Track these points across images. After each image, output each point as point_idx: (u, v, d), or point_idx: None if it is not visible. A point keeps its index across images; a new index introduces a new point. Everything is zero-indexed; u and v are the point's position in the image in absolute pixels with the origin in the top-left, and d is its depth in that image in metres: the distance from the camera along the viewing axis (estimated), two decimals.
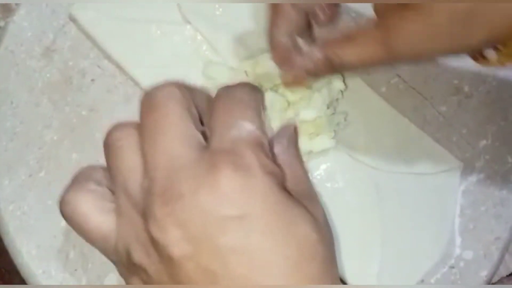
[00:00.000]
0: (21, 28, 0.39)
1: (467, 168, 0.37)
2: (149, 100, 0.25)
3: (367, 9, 0.37)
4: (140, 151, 0.24)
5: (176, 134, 0.24)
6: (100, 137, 0.36)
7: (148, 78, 0.37)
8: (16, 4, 0.39)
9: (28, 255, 0.35)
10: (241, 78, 0.36)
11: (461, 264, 0.36)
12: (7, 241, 0.35)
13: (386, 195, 0.36)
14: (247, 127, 0.24)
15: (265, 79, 0.36)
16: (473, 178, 0.38)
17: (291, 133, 0.28)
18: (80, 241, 0.35)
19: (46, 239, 0.35)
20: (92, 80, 0.38)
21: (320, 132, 0.35)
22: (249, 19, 0.38)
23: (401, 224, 0.36)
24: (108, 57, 0.38)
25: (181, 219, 0.22)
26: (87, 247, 0.34)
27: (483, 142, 0.38)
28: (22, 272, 0.35)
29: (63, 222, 0.35)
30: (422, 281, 0.35)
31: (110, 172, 0.26)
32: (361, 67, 0.30)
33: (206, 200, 0.22)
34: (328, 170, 0.36)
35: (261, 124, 0.25)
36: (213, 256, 0.21)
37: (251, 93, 0.27)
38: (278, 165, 0.25)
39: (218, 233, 0.21)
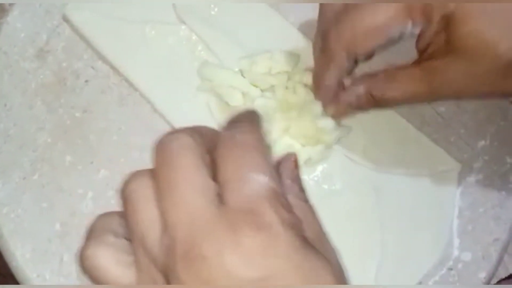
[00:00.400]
0: (14, 29, 0.38)
1: (466, 169, 0.37)
2: (163, 151, 0.24)
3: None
4: (158, 204, 0.24)
5: (194, 188, 0.23)
6: (94, 138, 0.36)
7: (143, 79, 0.36)
8: (10, 5, 0.39)
9: (23, 258, 0.35)
10: (238, 82, 0.35)
11: (460, 265, 0.36)
12: (1, 244, 0.35)
13: (384, 197, 0.36)
14: (260, 180, 0.24)
15: (261, 79, 0.35)
16: (471, 179, 0.37)
17: (293, 171, 0.28)
18: (74, 245, 0.35)
19: (41, 242, 0.35)
20: (86, 81, 0.37)
21: (321, 141, 0.35)
22: (245, 19, 0.37)
23: (399, 226, 0.36)
24: (102, 57, 0.37)
25: (206, 281, 0.21)
26: None
27: (482, 143, 0.38)
28: (16, 276, 0.35)
29: (58, 225, 0.35)
30: (421, 282, 0.35)
31: (128, 225, 0.25)
32: (403, 103, 0.32)
33: (231, 262, 0.21)
34: (325, 171, 0.36)
35: (271, 170, 0.24)
36: None
37: (254, 131, 0.26)
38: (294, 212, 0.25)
39: None
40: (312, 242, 0.24)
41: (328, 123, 0.34)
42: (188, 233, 0.22)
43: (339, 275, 0.23)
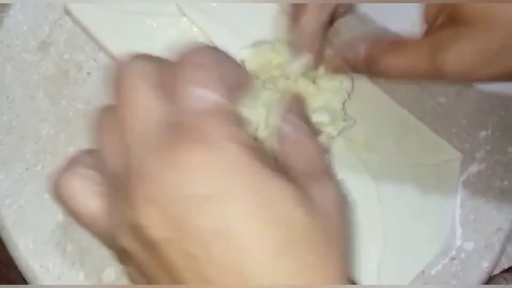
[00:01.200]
0: (16, 22, 0.38)
1: (467, 159, 0.37)
2: (119, 78, 0.24)
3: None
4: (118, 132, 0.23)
5: (146, 110, 0.22)
6: None
7: None
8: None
9: (26, 249, 0.35)
10: None
11: (462, 255, 0.36)
12: (4, 236, 0.35)
13: (385, 187, 0.36)
14: (208, 96, 0.22)
15: (263, 70, 0.35)
16: (473, 169, 0.37)
17: (299, 108, 0.27)
18: (77, 235, 0.35)
19: (44, 233, 0.35)
20: (88, 73, 0.38)
21: (323, 132, 0.35)
22: (245, 10, 0.38)
23: (401, 216, 0.36)
24: (104, 50, 0.37)
25: (156, 199, 0.20)
26: (85, 241, 0.35)
27: (483, 133, 0.38)
28: (19, 266, 0.35)
29: (61, 216, 0.35)
30: (423, 272, 0.35)
31: (95, 155, 0.25)
32: (400, 76, 0.29)
33: (174, 179, 0.20)
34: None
35: (227, 92, 0.23)
36: (194, 240, 0.20)
37: (214, 56, 0.24)
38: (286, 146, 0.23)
39: (196, 214, 0.20)
40: (305, 176, 0.23)
41: (324, 117, 0.34)
42: (138, 152, 0.22)
43: (317, 214, 0.21)
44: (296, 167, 0.24)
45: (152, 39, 0.37)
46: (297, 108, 0.27)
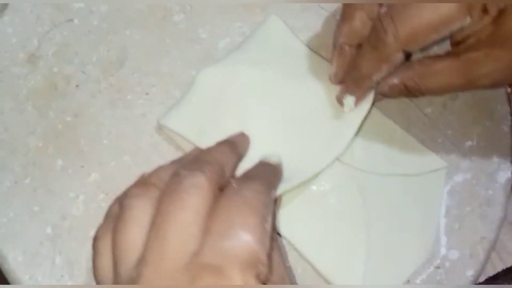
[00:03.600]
0: (5, 35, 0.39)
1: (453, 169, 0.37)
2: (176, 183, 0.25)
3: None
4: (147, 233, 0.25)
5: (180, 235, 0.24)
6: (84, 142, 0.37)
7: None
8: (0, 11, 0.39)
9: (14, 262, 0.35)
10: None
11: (447, 264, 0.36)
12: None
13: (371, 197, 0.36)
14: (244, 238, 0.23)
15: None
16: (458, 178, 0.38)
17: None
18: (66, 247, 0.35)
19: (32, 245, 0.35)
20: (77, 85, 0.38)
21: None
22: None
23: (387, 225, 0.36)
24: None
25: None
26: (73, 253, 0.35)
27: (469, 143, 0.38)
28: (8, 279, 0.35)
29: (49, 229, 0.35)
30: (408, 281, 0.36)
31: (113, 236, 0.26)
32: (438, 94, 0.33)
33: None
34: None
35: (263, 235, 0.24)
36: None
37: (262, 192, 0.26)
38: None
39: None
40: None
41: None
42: (154, 276, 0.23)
43: None
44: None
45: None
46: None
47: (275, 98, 0.36)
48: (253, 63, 0.36)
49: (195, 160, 0.28)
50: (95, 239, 0.27)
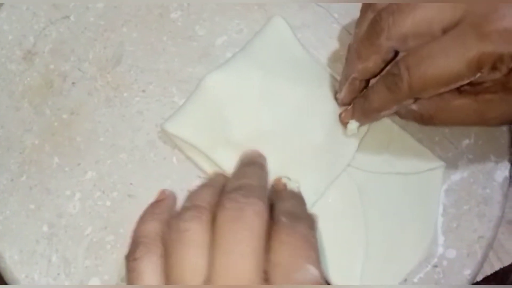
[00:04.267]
0: (1, 32, 0.38)
1: (450, 168, 0.37)
2: (238, 209, 0.28)
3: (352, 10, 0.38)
4: (210, 254, 0.27)
5: (250, 258, 0.26)
6: (81, 140, 0.37)
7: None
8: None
9: (11, 260, 0.35)
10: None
11: (444, 263, 0.36)
12: None
13: (369, 195, 0.36)
14: (312, 272, 0.26)
15: None
16: (456, 177, 0.38)
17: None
18: (62, 246, 0.35)
19: (29, 243, 0.35)
20: (73, 83, 0.38)
21: None
22: None
23: (384, 224, 0.36)
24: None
25: None
26: (69, 251, 0.35)
27: (466, 142, 0.38)
28: (5, 277, 0.35)
29: (45, 227, 0.35)
30: (406, 280, 0.35)
31: (170, 258, 0.28)
32: (449, 126, 0.36)
33: None
34: None
35: (321, 267, 0.27)
36: None
37: (312, 226, 0.29)
38: None
39: None
40: None
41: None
42: None
43: None
44: None
45: None
46: None
47: (281, 105, 0.35)
48: (258, 68, 0.36)
49: (244, 186, 0.30)
50: (134, 260, 0.29)
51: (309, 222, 0.30)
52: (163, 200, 0.34)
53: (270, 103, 0.35)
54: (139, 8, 0.39)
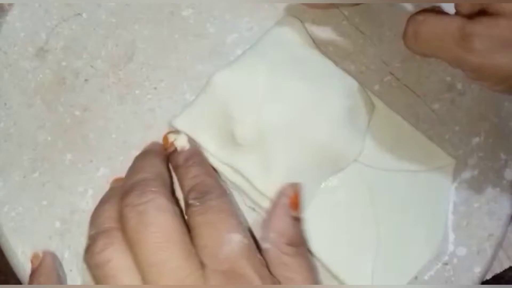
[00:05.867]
0: (13, 29, 0.38)
1: (460, 165, 0.37)
2: (138, 212, 0.27)
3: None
4: (139, 271, 0.26)
5: (178, 255, 0.26)
6: (93, 137, 0.37)
7: None
8: (9, 5, 0.39)
9: (23, 256, 0.35)
10: None
11: (455, 260, 0.36)
12: (2, 243, 0.35)
13: (379, 193, 0.36)
14: (236, 239, 0.26)
15: None
16: (466, 175, 0.38)
17: (283, 218, 0.31)
18: (75, 242, 0.35)
19: (41, 240, 0.35)
20: (86, 80, 0.38)
21: None
22: None
23: (395, 222, 0.36)
24: None
25: None
26: (82, 247, 0.35)
27: (476, 139, 0.38)
28: (17, 273, 0.35)
29: (58, 223, 0.35)
30: (416, 278, 0.36)
31: None
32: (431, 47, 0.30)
33: None
34: None
35: (244, 228, 0.27)
36: None
37: (221, 194, 0.29)
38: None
39: None
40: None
41: None
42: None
43: None
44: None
45: None
46: (281, 212, 0.31)
47: (288, 102, 0.35)
48: (267, 65, 0.36)
49: (138, 184, 0.29)
50: None
51: (217, 191, 0.29)
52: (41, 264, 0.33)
53: (277, 101, 0.35)
54: (151, 5, 0.39)
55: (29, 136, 0.37)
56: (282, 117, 0.35)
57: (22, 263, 0.35)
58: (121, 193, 0.29)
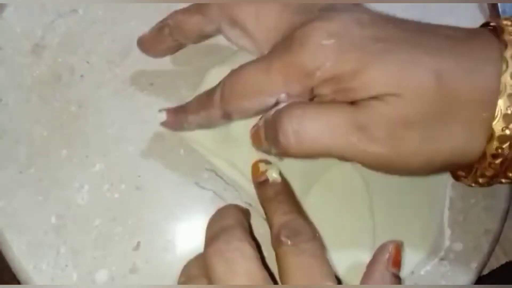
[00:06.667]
0: (10, 25, 0.39)
1: None
2: (226, 259, 0.27)
3: None
4: None
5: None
6: (89, 132, 0.37)
7: None
8: (4, 0, 0.39)
9: (19, 251, 0.35)
10: None
11: (451, 256, 0.36)
12: None
13: (375, 188, 0.36)
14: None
15: None
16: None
17: (385, 273, 0.30)
18: (71, 237, 0.35)
19: (37, 235, 0.35)
20: (81, 76, 0.38)
21: None
22: None
23: (391, 217, 0.36)
24: None
25: None
26: (78, 243, 0.35)
27: None
28: (13, 268, 0.35)
29: (54, 218, 0.35)
30: (412, 272, 0.36)
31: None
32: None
33: None
34: None
35: (335, 277, 0.27)
36: None
37: (314, 236, 0.29)
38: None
39: None
40: None
41: None
42: None
43: None
44: None
45: None
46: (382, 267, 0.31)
47: None
48: None
49: (224, 230, 0.28)
50: None
51: (309, 233, 0.28)
52: None
53: None
54: (147, 1, 0.39)
55: (25, 132, 0.37)
56: None
57: (18, 257, 0.35)
58: (205, 239, 0.29)
